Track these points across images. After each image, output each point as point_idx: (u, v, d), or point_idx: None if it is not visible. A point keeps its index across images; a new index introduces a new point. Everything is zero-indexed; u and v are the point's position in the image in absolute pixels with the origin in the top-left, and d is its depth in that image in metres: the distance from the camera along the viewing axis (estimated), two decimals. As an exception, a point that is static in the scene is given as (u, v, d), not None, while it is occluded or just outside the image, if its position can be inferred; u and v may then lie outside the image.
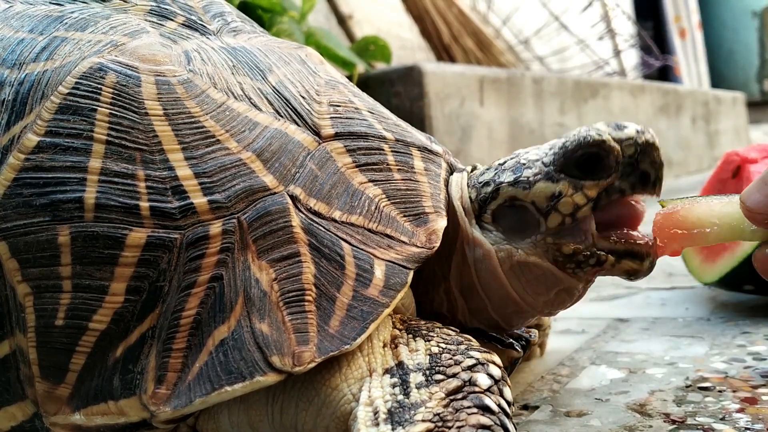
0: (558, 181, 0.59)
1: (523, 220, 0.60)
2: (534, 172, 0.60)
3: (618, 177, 0.59)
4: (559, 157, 0.59)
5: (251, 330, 0.50)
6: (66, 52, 0.58)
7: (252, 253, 0.52)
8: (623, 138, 0.58)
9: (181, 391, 0.49)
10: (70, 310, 0.52)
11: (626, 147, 0.58)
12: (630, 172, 0.59)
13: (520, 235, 0.61)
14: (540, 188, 0.59)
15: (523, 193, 0.60)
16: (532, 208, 0.60)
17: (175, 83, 0.56)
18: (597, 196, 0.59)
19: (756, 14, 6.23)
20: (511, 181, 0.61)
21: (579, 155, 0.59)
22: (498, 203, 0.61)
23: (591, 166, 0.59)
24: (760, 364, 0.82)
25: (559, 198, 0.59)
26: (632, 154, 0.58)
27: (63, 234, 0.52)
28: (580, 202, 0.59)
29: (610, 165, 0.58)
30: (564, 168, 0.59)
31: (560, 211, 0.59)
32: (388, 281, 0.53)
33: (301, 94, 0.61)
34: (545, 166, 0.60)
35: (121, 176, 0.53)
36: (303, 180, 0.56)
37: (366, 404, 0.49)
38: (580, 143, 0.58)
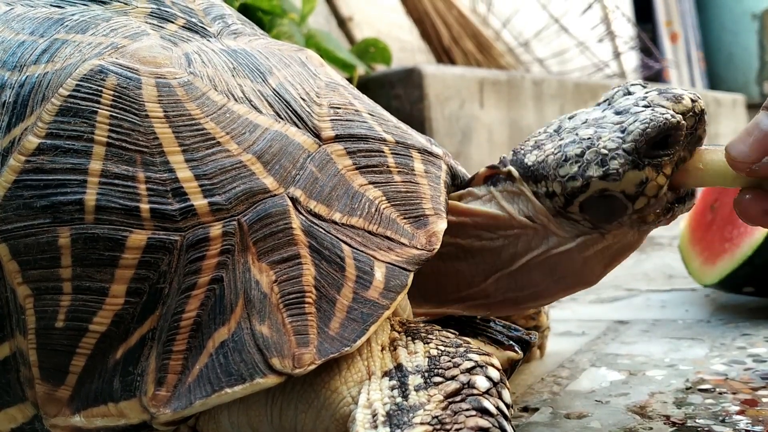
0: (643, 168, 0.60)
1: (611, 206, 0.62)
2: (621, 162, 0.60)
3: (683, 147, 0.61)
4: (641, 144, 0.60)
5: (251, 332, 0.50)
6: (67, 55, 0.58)
7: (252, 255, 0.52)
8: (686, 111, 0.60)
9: (181, 393, 0.49)
10: (70, 312, 0.52)
11: (689, 119, 0.60)
12: (690, 141, 0.61)
13: (608, 219, 0.63)
14: (629, 178, 0.60)
15: (615, 184, 0.61)
16: (621, 196, 0.61)
17: (175, 85, 0.56)
18: (671, 171, 0.61)
19: (756, 16, 6.22)
20: (601, 175, 0.61)
21: (660, 138, 0.60)
22: (587, 195, 0.62)
23: (663, 144, 0.60)
24: (760, 366, 0.83)
25: (646, 183, 0.61)
26: (693, 124, 0.61)
27: (63, 236, 0.52)
28: (662, 183, 0.61)
29: (679, 140, 0.61)
30: (647, 153, 0.60)
31: (647, 194, 0.61)
32: (388, 283, 0.53)
33: (302, 97, 0.61)
34: (628, 155, 0.60)
35: (121, 178, 0.53)
36: (303, 182, 0.56)
37: (364, 406, 0.49)
38: (660, 129, 0.60)
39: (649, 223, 0.63)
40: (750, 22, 6.25)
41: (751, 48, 6.29)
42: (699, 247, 1.17)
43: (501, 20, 3.55)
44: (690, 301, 1.18)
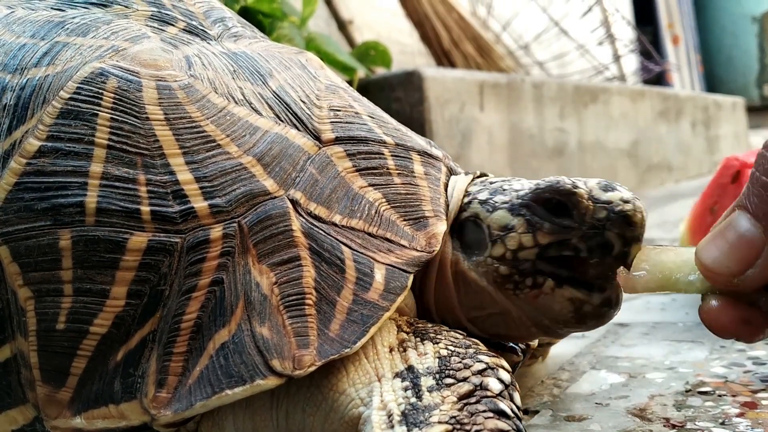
0: (517, 216, 0.59)
1: (478, 239, 0.61)
2: (504, 199, 0.60)
3: (578, 235, 0.57)
4: (529, 192, 0.59)
5: (252, 334, 0.50)
6: (67, 57, 0.58)
7: (252, 257, 0.52)
8: (601, 199, 0.56)
9: (181, 395, 0.49)
10: (71, 314, 0.52)
11: (599, 209, 0.56)
12: (592, 236, 0.56)
13: (472, 250, 0.61)
14: (498, 216, 0.59)
15: (485, 214, 0.60)
16: (486, 231, 0.60)
17: (176, 88, 0.57)
18: (547, 244, 0.58)
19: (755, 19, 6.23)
20: (482, 200, 0.61)
21: (547, 197, 0.58)
22: (466, 215, 0.62)
23: (555, 213, 0.58)
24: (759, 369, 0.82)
25: (509, 231, 0.59)
26: (602, 218, 0.56)
27: (64, 238, 0.52)
28: (526, 243, 0.58)
29: (573, 219, 0.57)
30: (529, 204, 0.59)
31: (505, 243, 0.59)
32: (388, 285, 0.53)
33: (302, 99, 0.61)
34: (516, 198, 0.60)
35: (122, 180, 0.53)
36: (303, 184, 0.56)
37: (379, 408, 0.49)
38: (552, 187, 0.58)
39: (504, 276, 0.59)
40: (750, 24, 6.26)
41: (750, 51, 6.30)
42: (699, 250, 1.17)
43: (501, 23, 3.55)
44: (690, 303, 1.18)
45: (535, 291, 0.58)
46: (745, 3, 6.23)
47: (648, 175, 3.39)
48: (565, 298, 0.58)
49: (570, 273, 0.58)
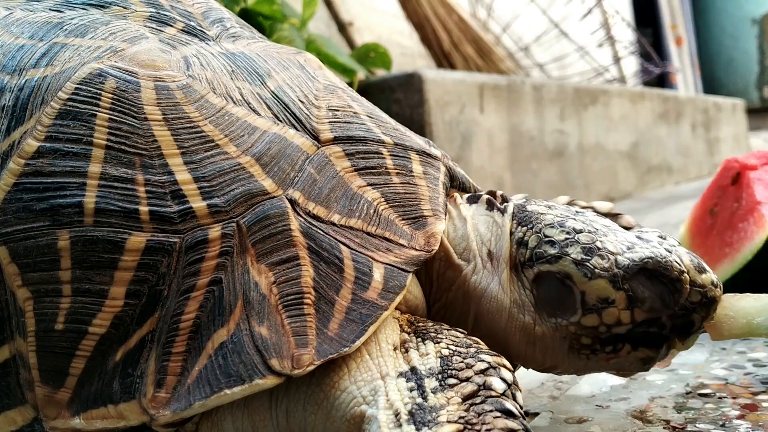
0: (619, 289, 0.56)
1: (563, 300, 0.57)
2: (604, 265, 0.56)
3: (669, 314, 0.57)
4: (634, 267, 0.56)
5: (250, 333, 0.50)
6: (66, 58, 0.58)
7: (251, 257, 0.52)
8: (698, 282, 0.57)
9: (180, 395, 0.49)
10: (69, 314, 0.52)
11: (694, 292, 0.56)
12: (681, 316, 0.57)
13: (549, 311, 0.58)
14: (599, 285, 0.56)
15: (582, 279, 0.56)
16: (579, 297, 0.57)
17: (174, 88, 0.57)
18: (641, 321, 0.57)
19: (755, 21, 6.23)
20: (578, 260, 0.57)
21: (651, 273, 0.56)
22: (551, 270, 0.58)
23: (655, 288, 0.56)
24: (760, 371, 0.83)
25: (610, 305, 0.56)
26: (695, 301, 0.57)
27: (63, 238, 0.52)
28: (624, 320, 0.56)
29: (669, 301, 0.57)
30: (633, 280, 0.56)
31: (602, 317, 0.56)
32: (386, 284, 0.53)
33: (300, 99, 0.61)
34: (616, 267, 0.56)
35: (120, 181, 0.53)
36: (302, 184, 0.56)
37: (386, 408, 0.49)
38: (661, 265, 0.56)
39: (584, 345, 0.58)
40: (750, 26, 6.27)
41: (751, 53, 6.30)
42: (699, 252, 1.17)
43: (501, 25, 3.55)
44: (690, 304, 1.17)
45: (611, 355, 0.58)
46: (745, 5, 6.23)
47: (648, 177, 3.39)
48: (638, 359, 0.59)
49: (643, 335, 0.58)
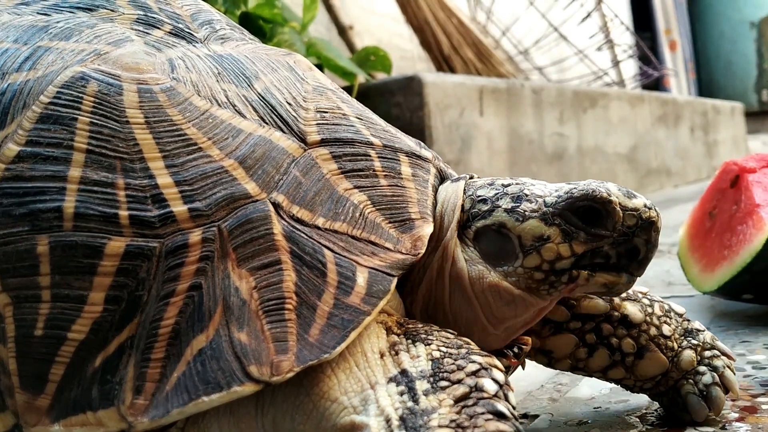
0: (551, 225, 0.58)
1: (503, 248, 0.59)
2: (533, 207, 0.59)
3: (609, 243, 0.58)
4: (561, 200, 0.58)
5: (230, 339, 0.49)
6: (49, 62, 0.58)
7: (232, 262, 0.51)
8: (629, 206, 0.58)
9: (159, 402, 0.49)
10: (49, 320, 0.51)
11: (628, 216, 0.58)
12: (622, 243, 0.58)
13: (495, 261, 0.59)
14: (531, 225, 0.58)
15: (514, 224, 0.59)
16: (516, 242, 0.58)
17: (157, 91, 0.56)
18: (582, 253, 0.58)
19: (754, 25, 6.23)
20: (508, 208, 0.59)
21: (582, 205, 0.58)
22: (486, 224, 0.60)
23: (590, 221, 0.58)
24: (759, 373, 0.83)
25: (545, 241, 0.58)
26: (631, 225, 0.58)
27: (42, 244, 0.51)
28: (564, 254, 0.58)
29: (607, 227, 0.58)
30: (563, 213, 0.58)
31: (541, 254, 0.58)
32: (370, 289, 0.52)
33: (288, 101, 0.60)
34: (545, 206, 0.58)
35: (100, 185, 0.52)
36: (286, 187, 0.55)
37: (377, 414, 0.48)
38: (587, 195, 0.57)
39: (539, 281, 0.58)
40: (748, 30, 6.27)
41: (749, 56, 6.31)
42: (698, 254, 1.17)
43: (500, 29, 3.55)
44: (689, 308, 1.17)
45: (571, 285, 0.59)
46: (743, 8, 6.23)
47: (647, 180, 3.39)
48: (600, 284, 0.59)
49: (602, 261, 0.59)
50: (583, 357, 0.70)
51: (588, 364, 0.70)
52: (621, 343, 0.69)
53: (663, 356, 0.69)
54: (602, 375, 0.71)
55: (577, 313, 0.69)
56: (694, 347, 0.70)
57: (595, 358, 0.70)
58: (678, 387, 0.70)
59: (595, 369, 0.71)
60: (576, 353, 0.70)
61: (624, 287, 0.59)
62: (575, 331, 0.69)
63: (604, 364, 0.70)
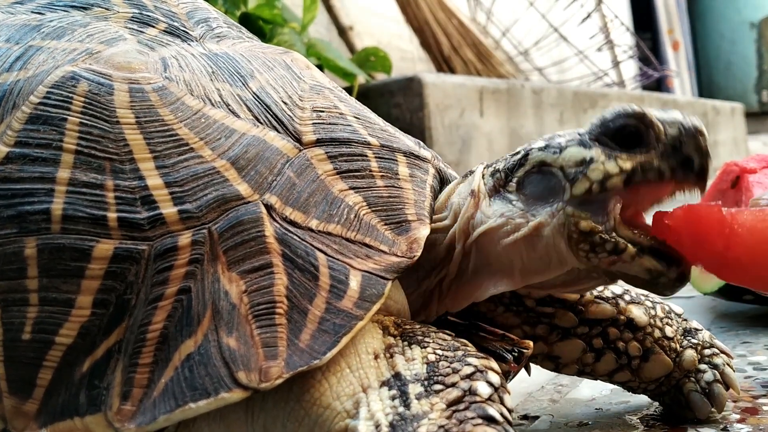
0: (590, 148, 0.55)
1: (549, 187, 0.56)
2: (567, 139, 0.56)
3: (658, 156, 0.55)
4: (595, 126, 0.56)
5: (218, 344, 0.48)
6: (40, 62, 0.57)
7: (222, 265, 0.50)
8: (667, 119, 0.55)
9: (146, 408, 0.48)
10: (36, 324, 0.50)
11: (670, 126, 0.55)
12: (672, 154, 0.55)
13: (542, 203, 0.57)
14: (571, 153, 0.55)
15: (553, 157, 0.56)
16: (560, 174, 0.56)
17: (149, 91, 0.55)
18: (632, 170, 0.55)
19: (754, 25, 6.23)
20: (541, 147, 0.57)
21: (618, 126, 0.55)
22: (526, 169, 0.57)
23: (629, 141, 0.55)
24: (760, 374, 0.82)
25: (589, 164, 0.55)
26: (676, 135, 0.55)
27: (30, 246, 0.51)
28: (612, 171, 0.54)
29: (649, 140, 0.55)
30: (599, 138, 0.56)
31: (589, 177, 0.55)
32: (363, 292, 0.51)
33: (284, 100, 0.60)
34: (579, 135, 0.57)
35: (89, 186, 0.52)
36: (280, 188, 0.54)
37: (366, 419, 0.47)
38: (620, 113, 0.55)
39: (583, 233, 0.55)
40: (748, 31, 6.27)
41: (749, 57, 6.30)
42: (698, 255, 1.16)
43: (501, 29, 3.55)
44: (690, 308, 1.17)
45: (613, 257, 0.55)
46: (743, 9, 6.23)
47: (649, 181, 3.38)
48: (644, 268, 0.55)
49: (651, 243, 0.56)
50: (590, 362, 0.70)
51: (595, 369, 0.70)
52: (627, 347, 0.69)
53: (667, 358, 0.69)
54: (608, 378, 0.71)
55: (584, 318, 0.69)
56: (694, 346, 0.70)
57: (602, 362, 0.69)
58: (680, 385, 0.70)
59: (601, 373, 0.70)
60: (583, 358, 0.70)
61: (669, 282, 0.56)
62: (582, 337, 0.69)
63: (611, 368, 0.70)
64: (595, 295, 0.69)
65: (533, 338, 0.66)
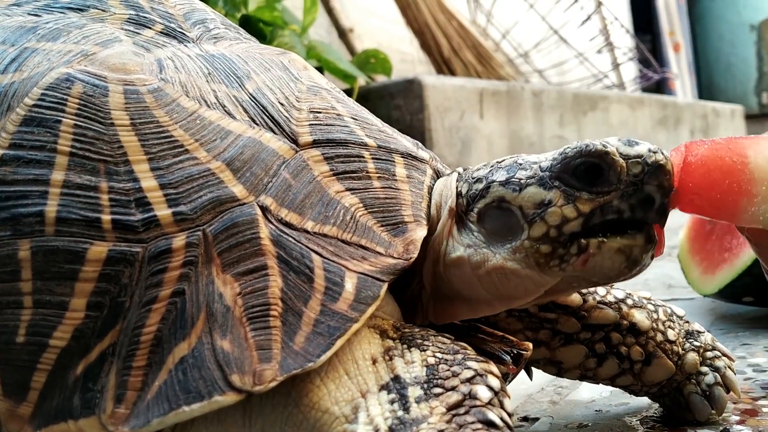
0: (550, 189, 0.55)
1: (508, 224, 0.56)
2: (528, 174, 0.56)
3: (618, 196, 0.54)
4: (557, 163, 0.55)
5: (212, 347, 0.48)
6: (35, 63, 0.57)
7: (216, 267, 0.50)
8: (631, 154, 0.54)
9: (140, 411, 0.47)
10: (30, 326, 0.50)
11: (632, 164, 0.54)
12: (632, 193, 0.54)
13: (503, 238, 0.57)
14: (530, 193, 0.55)
15: (512, 195, 0.56)
16: (519, 213, 0.55)
17: (144, 92, 0.55)
18: (590, 212, 0.54)
19: (754, 27, 6.22)
20: (502, 181, 0.56)
21: (578, 163, 0.55)
22: (486, 202, 0.57)
23: (590, 179, 0.54)
24: (760, 376, 0.82)
25: (547, 206, 0.55)
26: (638, 173, 0.54)
27: (23, 249, 0.50)
28: (569, 216, 0.54)
29: (610, 180, 0.54)
30: (560, 176, 0.55)
31: (546, 221, 0.55)
32: (358, 294, 0.51)
33: (280, 101, 0.59)
34: (541, 171, 0.56)
35: (83, 189, 0.51)
36: (275, 190, 0.53)
37: (365, 423, 0.47)
38: (581, 151, 0.54)
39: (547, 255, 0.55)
40: (748, 33, 6.26)
41: (749, 59, 6.29)
42: (698, 257, 1.16)
43: (500, 31, 3.55)
44: (690, 310, 1.16)
45: (583, 256, 0.55)
46: (743, 11, 6.22)
47: (649, 182, 3.38)
48: (614, 251, 0.55)
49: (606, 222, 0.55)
50: (593, 366, 0.70)
51: (597, 373, 0.70)
52: (630, 351, 0.69)
53: (669, 362, 0.69)
54: (610, 382, 0.71)
55: (587, 324, 0.69)
56: (696, 349, 0.70)
57: (604, 367, 0.70)
58: (680, 387, 0.70)
59: (603, 377, 0.71)
60: (585, 363, 0.70)
61: (642, 251, 0.55)
62: (585, 342, 0.69)
63: (613, 373, 0.70)
64: (597, 300, 0.69)
65: (536, 343, 0.66)
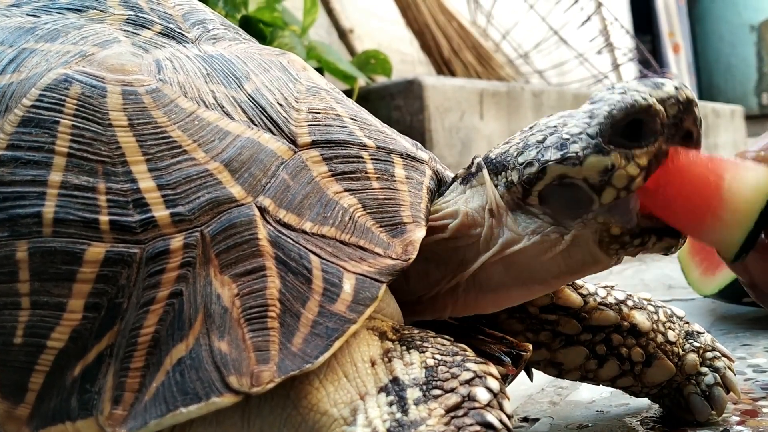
0: (609, 153, 0.54)
1: (576, 198, 0.56)
2: (582, 146, 0.55)
3: (665, 140, 0.55)
4: (606, 127, 0.55)
5: (210, 348, 0.47)
6: (33, 64, 0.56)
7: (214, 268, 0.50)
8: (665, 98, 0.55)
9: (137, 413, 0.47)
10: (28, 327, 0.50)
11: (670, 107, 0.55)
12: (674, 133, 0.55)
13: (572, 214, 0.57)
14: (592, 163, 0.54)
15: (574, 170, 0.55)
16: (585, 185, 0.55)
17: (142, 93, 0.55)
18: (648, 164, 0.55)
19: (754, 28, 6.21)
20: (558, 159, 0.55)
21: (627, 123, 0.55)
22: (545, 183, 0.56)
23: (637, 133, 0.55)
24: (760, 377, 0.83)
25: (612, 171, 0.54)
26: (676, 113, 0.55)
27: (21, 250, 0.50)
28: (633, 173, 0.54)
29: (656, 129, 0.55)
30: (612, 139, 0.55)
31: (614, 185, 0.54)
32: (357, 296, 0.50)
33: (279, 102, 0.59)
34: (592, 138, 0.55)
35: (81, 189, 0.51)
36: (273, 191, 0.53)
37: (363, 425, 0.47)
38: (627, 111, 0.54)
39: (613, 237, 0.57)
40: (748, 33, 6.26)
41: (749, 59, 6.29)
42: (698, 258, 1.16)
43: (501, 32, 3.55)
44: (689, 311, 1.16)
45: (639, 248, 0.57)
46: (743, 12, 6.22)
47: (649, 183, 3.38)
48: (662, 247, 0.57)
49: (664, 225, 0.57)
50: (593, 368, 0.70)
51: (598, 375, 0.71)
52: (630, 353, 0.69)
53: (670, 363, 0.69)
54: (611, 384, 0.71)
55: (587, 325, 0.69)
56: (696, 350, 0.70)
57: (605, 368, 0.70)
58: (681, 388, 0.70)
59: (604, 379, 0.71)
60: (586, 364, 0.70)
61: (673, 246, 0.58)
62: (585, 343, 0.70)
63: (614, 374, 0.70)
64: (598, 302, 0.69)
65: (536, 345, 0.66)
